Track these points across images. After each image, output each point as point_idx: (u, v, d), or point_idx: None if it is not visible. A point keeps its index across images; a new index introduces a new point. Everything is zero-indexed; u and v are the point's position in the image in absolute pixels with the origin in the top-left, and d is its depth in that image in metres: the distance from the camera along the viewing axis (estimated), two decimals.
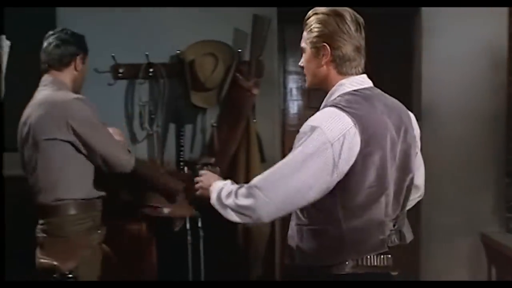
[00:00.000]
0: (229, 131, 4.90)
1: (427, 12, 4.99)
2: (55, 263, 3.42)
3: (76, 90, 3.66)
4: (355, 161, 2.46)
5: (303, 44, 2.73)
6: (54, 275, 3.42)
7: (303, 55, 2.74)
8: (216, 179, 2.73)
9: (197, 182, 2.80)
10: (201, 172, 2.85)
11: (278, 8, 4.92)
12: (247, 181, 2.62)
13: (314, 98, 5.16)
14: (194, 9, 4.89)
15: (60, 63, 3.64)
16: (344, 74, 2.65)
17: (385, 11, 4.82)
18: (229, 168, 4.76)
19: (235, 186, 2.60)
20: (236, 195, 2.53)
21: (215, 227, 4.55)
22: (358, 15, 2.70)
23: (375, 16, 5.01)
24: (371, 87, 2.71)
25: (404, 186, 2.68)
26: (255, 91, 4.82)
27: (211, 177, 2.77)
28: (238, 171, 4.77)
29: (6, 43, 5.01)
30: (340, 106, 2.51)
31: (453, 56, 4.99)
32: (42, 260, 3.48)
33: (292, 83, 5.59)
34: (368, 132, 2.49)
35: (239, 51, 4.94)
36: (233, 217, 2.54)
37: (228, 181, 2.68)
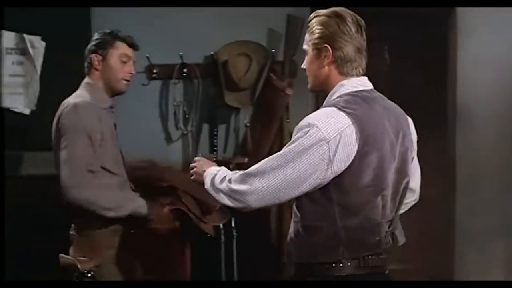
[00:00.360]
0: (262, 131, 4.91)
1: (462, 11, 4.94)
2: (75, 261, 3.41)
3: (112, 90, 3.60)
4: (352, 160, 2.50)
5: (305, 47, 2.75)
6: (75, 274, 3.42)
7: (305, 57, 2.77)
8: (210, 165, 2.79)
9: (192, 168, 2.85)
10: (196, 158, 2.90)
11: (312, 8, 4.91)
12: None
13: None
14: (228, 10, 4.90)
15: (86, 65, 3.60)
16: (345, 74, 2.68)
17: (419, 11, 4.79)
18: None
19: (230, 172, 2.66)
20: (229, 181, 2.58)
21: (248, 227, 4.58)
22: (359, 17, 2.72)
23: (409, 16, 5.00)
24: (371, 90, 2.77)
25: (400, 188, 2.73)
26: (289, 91, 4.83)
27: (205, 163, 2.82)
28: None
29: (42, 44, 5.07)
30: (338, 106, 2.55)
31: (489, 56, 4.94)
32: (62, 257, 3.46)
33: None
34: (366, 132, 2.52)
35: (272, 51, 4.94)
36: (225, 200, 2.60)
37: (223, 167, 2.74)
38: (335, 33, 2.64)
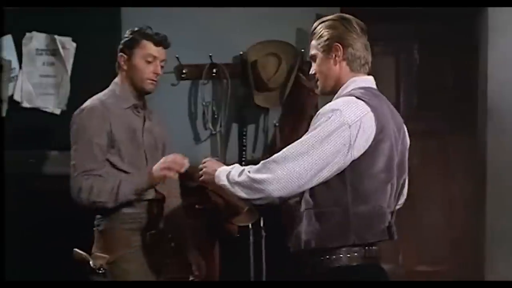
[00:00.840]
0: (291, 131, 4.90)
1: (493, 11, 4.90)
2: (87, 256, 3.43)
3: (138, 90, 3.56)
4: (369, 146, 2.59)
5: (313, 52, 2.86)
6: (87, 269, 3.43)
7: (313, 63, 2.87)
8: (221, 165, 2.80)
9: (201, 169, 2.86)
10: (205, 159, 2.91)
11: (341, 7, 4.90)
12: None
13: None
14: (257, 9, 4.90)
15: (116, 64, 3.60)
16: (355, 71, 2.79)
17: (450, 10, 4.76)
18: None
19: (245, 166, 2.68)
20: (249, 171, 2.60)
21: (277, 227, 4.57)
22: (360, 21, 2.85)
23: (440, 16, 4.97)
24: (377, 89, 2.85)
25: (400, 183, 2.82)
26: (318, 91, 4.81)
27: (215, 163, 2.84)
28: None
29: (72, 45, 5.12)
30: (356, 95, 2.65)
31: None
32: (76, 252, 3.46)
33: None
34: (381, 121, 2.63)
35: (302, 51, 4.94)
36: (241, 193, 2.61)
37: (236, 164, 2.75)
38: (343, 32, 2.78)
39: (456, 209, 5.26)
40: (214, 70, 5.03)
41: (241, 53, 4.99)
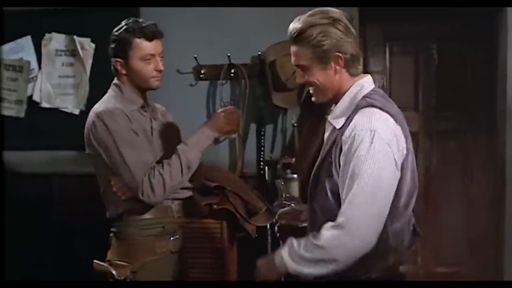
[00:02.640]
0: (309, 131, 4.89)
1: (511, 10, 4.87)
2: (109, 268, 3.27)
3: (142, 90, 3.38)
4: (403, 159, 2.49)
5: (303, 62, 2.63)
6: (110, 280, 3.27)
7: (302, 73, 2.66)
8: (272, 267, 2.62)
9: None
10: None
11: (360, 8, 4.89)
12: None
13: (395, 98, 5.09)
14: (275, 10, 4.89)
15: (112, 69, 3.39)
16: (353, 74, 2.63)
17: (468, 10, 4.74)
18: (309, 168, 4.75)
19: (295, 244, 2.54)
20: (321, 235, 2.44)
21: (295, 228, 4.57)
22: (344, 12, 2.66)
23: (459, 16, 4.95)
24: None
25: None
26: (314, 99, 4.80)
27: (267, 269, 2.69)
28: None
29: (91, 46, 5.14)
30: (378, 106, 2.51)
31: None
32: (97, 264, 3.33)
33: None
34: (405, 129, 2.52)
35: None
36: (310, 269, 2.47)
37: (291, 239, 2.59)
38: (340, 39, 2.56)
39: (475, 209, 5.23)
40: (232, 70, 5.03)
41: (260, 53, 4.98)
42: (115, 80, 3.38)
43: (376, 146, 2.39)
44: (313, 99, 2.76)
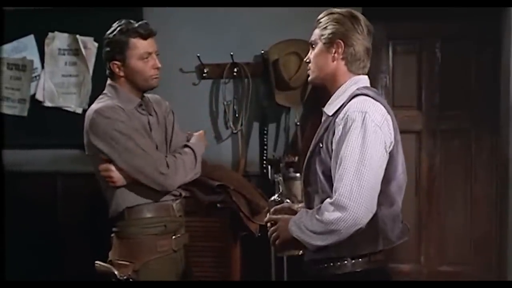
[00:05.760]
0: (312, 129, 4.87)
1: None
2: (111, 268, 3.26)
3: (141, 90, 3.37)
4: (393, 147, 2.59)
5: (314, 38, 2.79)
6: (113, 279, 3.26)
7: (311, 51, 2.82)
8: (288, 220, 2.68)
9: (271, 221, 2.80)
10: (274, 208, 2.87)
11: (363, 7, 4.88)
12: None
13: (399, 97, 5.11)
14: (278, 9, 4.89)
15: (108, 72, 3.38)
16: (353, 72, 2.73)
17: (472, 10, 4.74)
18: None
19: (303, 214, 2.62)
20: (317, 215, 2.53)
21: None
22: (368, 22, 2.77)
23: (462, 15, 4.95)
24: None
25: None
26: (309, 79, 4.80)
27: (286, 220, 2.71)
28: None
29: (94, 45, 5.14)
30: (370, 96, 2.62)
31: None
32: (98, 264, 3.31)
33: (376, 82, 5.54)
34: (395, 121, 2.63)
35: None
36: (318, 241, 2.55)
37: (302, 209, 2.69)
38: (349, 30, 2.70)
39: (478, 208, 5.23)
40: (235, 69, 5.03)
41: (263, 52, 4.99)
42: (110, 82, 3.38)
43: (367, 126, 2.50)
44: (309, 79, 2.89)
